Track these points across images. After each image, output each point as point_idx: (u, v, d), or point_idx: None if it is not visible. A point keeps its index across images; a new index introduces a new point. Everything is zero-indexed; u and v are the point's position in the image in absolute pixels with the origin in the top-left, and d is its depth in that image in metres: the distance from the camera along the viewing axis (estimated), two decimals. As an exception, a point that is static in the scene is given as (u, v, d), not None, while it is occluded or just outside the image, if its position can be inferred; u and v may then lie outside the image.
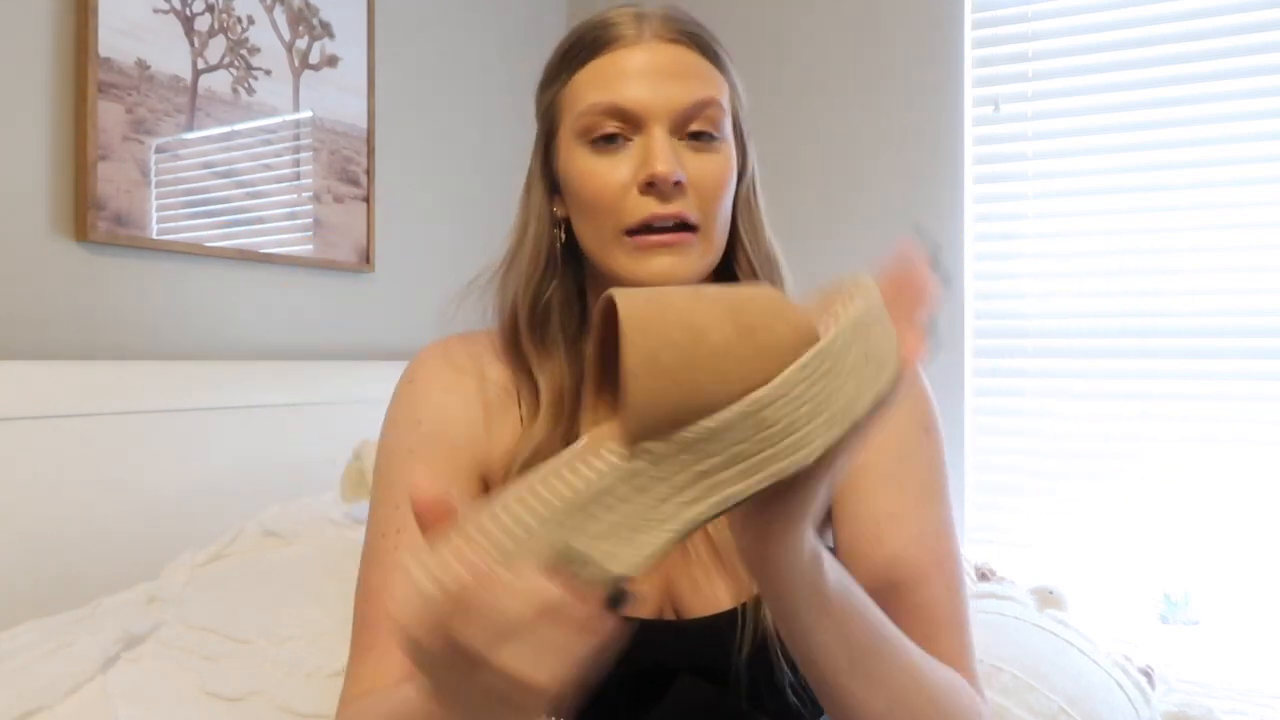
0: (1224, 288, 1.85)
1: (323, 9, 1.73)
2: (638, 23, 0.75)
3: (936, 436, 0.82)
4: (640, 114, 0.73)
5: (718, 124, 0.75)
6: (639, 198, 0.72)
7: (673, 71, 0.73)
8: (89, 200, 1.34)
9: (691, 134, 0.74)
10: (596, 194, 0.74)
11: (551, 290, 0.79)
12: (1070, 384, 1.97)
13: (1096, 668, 1.28)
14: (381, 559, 0.78)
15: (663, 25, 0.75)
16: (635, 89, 0.72)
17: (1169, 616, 1.85)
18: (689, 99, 0.73)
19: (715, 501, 0.49)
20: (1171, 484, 1.87)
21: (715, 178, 0.74)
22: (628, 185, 0.73)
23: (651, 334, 0.48)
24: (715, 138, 0.75)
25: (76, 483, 1.26)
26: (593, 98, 0.73)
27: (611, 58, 0.74)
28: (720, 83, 0.77)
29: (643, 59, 0.73)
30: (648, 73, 0.73)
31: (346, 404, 1.61)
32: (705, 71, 0.75)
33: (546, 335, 0.79)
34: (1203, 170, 1.87)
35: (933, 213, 2.05)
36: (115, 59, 1.37)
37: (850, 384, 0.50)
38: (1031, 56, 2.01)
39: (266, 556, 1.21)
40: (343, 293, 1.79)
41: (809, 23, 2.19)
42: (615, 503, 0.48)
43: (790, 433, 0.49)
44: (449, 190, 2.05)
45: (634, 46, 0.74)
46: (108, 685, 0.94)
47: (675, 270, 0.73)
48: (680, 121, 0.73)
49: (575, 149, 0.75)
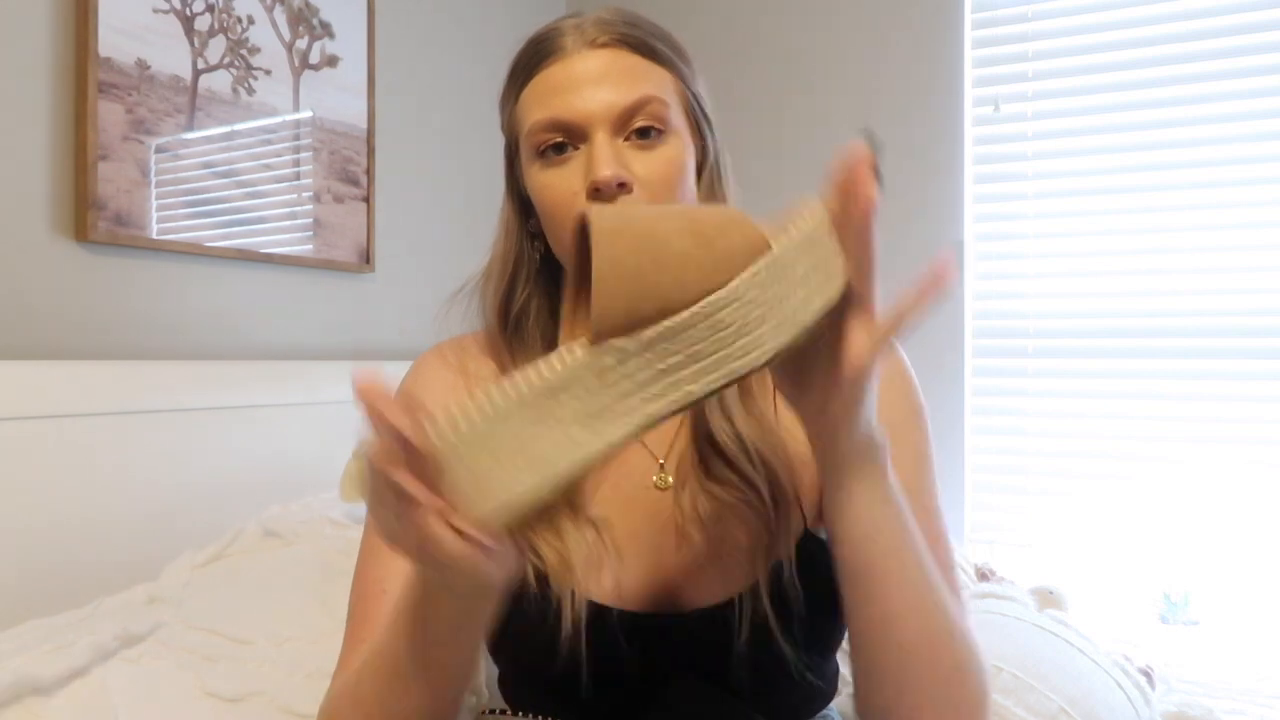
0: (1224, 288, 1.85)
1: (323, 9, 1.73)
2: (574, 31, 0.76)
3: (925, 417, 0.85)
4: (580, 123, 0.74)
5: (662, 118, 0.75)
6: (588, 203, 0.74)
7: (606, 76, 0.74)
8: (89, 200, 1.34)
9: (637, 131, 0.75)
10: (554, 205, 0.75)
11: (524, 299, 0.83)
12: (1070, 384, 1.97)
13: (1096, 668, 1.28)
14: (377, 554, 0.79)
15: (595, 30, 0.75)
16: (572, 100, 0.74)
17: (1169, 616, 1.85)
18: (625, 100, 0.74)
19: (675, 399, 0.54)
20: (1171, 484, 1.87)
21: (663, 173, 0.75)
22: (578, 192, 0.74)
23: (618, 242, 0.53)
24: (661, 132, 0.75)
25: (76, 483, 1.26)
26: (535, 115, 0.75)
27: (548, 73, 0.75)
28: (660, 78, 0.77)
29: (577, 69, 0.75)
30: (582, 82, 0.74)
31: (346, 404, 1.60)
32: (641, 70, 0.76)
33: (524, 337, 0.83)
34: (1202, 170, 1.87)
35: (933, 213, 2.05)
36: (115, 59, 1.37)
37: (799, 292, 0.55)
38: (1031, 56, 2.01)
39: (267, 557, 1.21)
40: (343, 293, 1.79)
41: (809, 23, 2.19)
42: (582, 392, 0.53)
43: (743, 334, 0.54)
44: (449, 190, 2.05)
45: (570, 57, 0.75)
46: (107, 685, 0.94)
47: None
48: (621, 123, 0.74)
49: (531, 166, 0.77)
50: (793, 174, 2.15)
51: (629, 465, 0.82)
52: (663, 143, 0.75)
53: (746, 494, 0.76)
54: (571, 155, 0.75)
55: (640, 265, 0.53)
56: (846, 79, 2.15)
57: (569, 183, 0.74)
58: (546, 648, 0.73)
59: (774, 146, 2.13)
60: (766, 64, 2.22)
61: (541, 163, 0.76)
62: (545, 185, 0.76)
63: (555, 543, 0.75)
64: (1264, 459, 1.81)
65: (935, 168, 2.06)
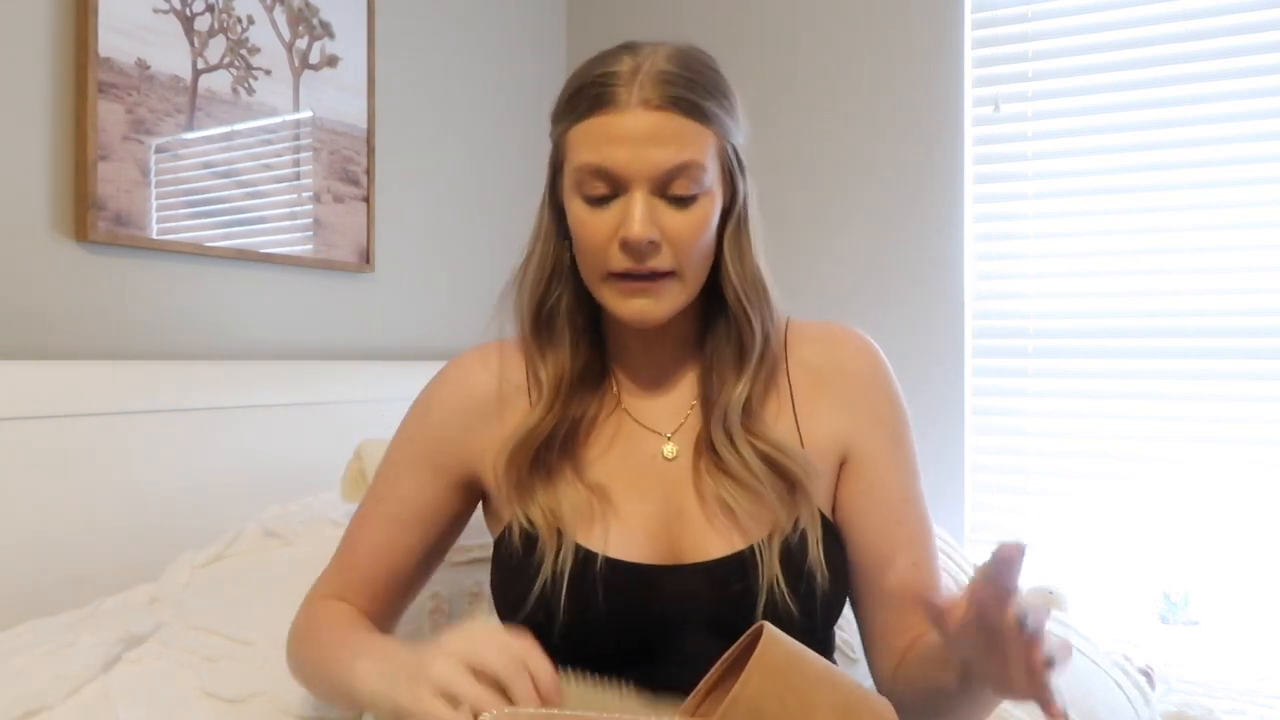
0: (1224, 288, 1.85)
1: (323, 9, 1.73)
2: (628, 83, 0.79)
3: (909, 420, 0.92)
4: (623, 177, 0.80)
5: (699, 180, 0.81)
6: (618, 251, 0.81)
7: (654, 138, 0.79)
8: (89, 200, 1.34)
9: (671, 195, 0.81)
10: (588, 241, 0.82)
11: (555, 298, 0.88)
12: (1070, 384, 1.97)
13: (1096, 668, 1.28)
14: (363, 517, 0.95)
15: (652, 90, 0.79)
16: (619, 154, 0.79)
17: (1169, 616, 1.85)
18: (668, 164, 0.79)
19: None
20: (1171, 483, 1.87)
21: (690, 233, 0.81)
22: (611, 237, 0.81)
23: (771, 681, 0.54)
24: (695, 196, 0.81)
25: (76, 483, 1.26)
26: (585, 157, 0.81)
27: (603, 120, 0.80)
28: (704, 140, 0.81)
29: (629, 125, 0.79)
30: (630, 139, 0.79)
31: (346, 404, 1.61)
32: (688, 133, 0.80)
33: (553, 332, 0.89)
34: (1202, 170, 1.87)
35: (933, 213, 2.05)
36: (115, 59, 1.37)
37: None
38: (1031, 56, 2.01)
39: (267, 557, 1.21)
40: (343, 293, 1.79)
41: (809, 23, 2.19)
42: None
43: None
44: (449, 190, 2.05)
45: (624, 112, 0.79)
46: (108, 686, 0.94)
47: (652, 310, 0.82)
48: (660, 184, 0.80)
49: (572, 194, 0.83)
50: (792, 174, 2.15)
51: (636, 439, 0.89)
52: (694, 205, 0.81)
53: (759, 465, 0.83)
54: (610, 200, 0.81)
55: (777, 714, 0.54)
56: (846, 79, 2.15)
57: (604, 227, 0.81)
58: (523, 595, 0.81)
59: (773, 146, 2.13)
60: (766, 64, 2.22)
61: (582, 199, 0.82)
62: (582, 222, 0.82)
63: (549, 500, 0.83)
64: (1264, 459, 1.81)
65: (935, 168, 2.06)
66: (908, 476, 0.89)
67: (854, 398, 0.89)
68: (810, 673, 0.57)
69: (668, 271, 0.82)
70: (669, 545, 0.83)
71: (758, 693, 0.53)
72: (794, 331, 0.93)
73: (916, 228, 2.06)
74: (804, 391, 0.89)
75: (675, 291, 0.83)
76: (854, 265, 2.11)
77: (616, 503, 0.85)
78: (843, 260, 2.12)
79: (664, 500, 0.85)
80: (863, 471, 0.88)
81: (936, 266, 2.05)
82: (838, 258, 2.12)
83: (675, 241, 0.81)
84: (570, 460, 0.87)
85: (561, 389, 0.87)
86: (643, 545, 0.83)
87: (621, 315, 0.83)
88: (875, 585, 0.87)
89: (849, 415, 0.89)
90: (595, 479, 0.86)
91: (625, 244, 0.80)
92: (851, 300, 2.07)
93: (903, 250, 2.07)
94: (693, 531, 0.83)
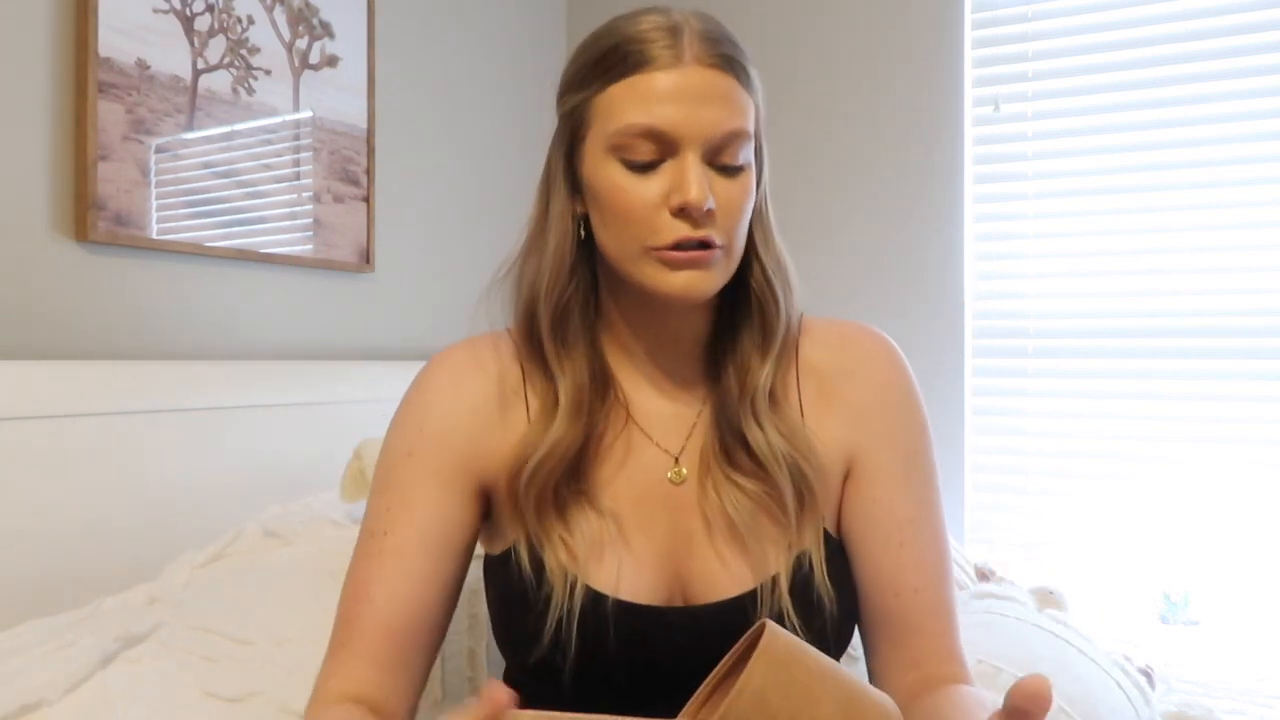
0: (1224, 288, 1.85)
1: (323, 9, 1.73)
2: (674, 40, 0.74)
3: (930, 435, 0.87)
4: (676, 138, 0.73)
5: (745, 150, 0.76)
6: (670, 219, 0.74)
7: (709, 97, 0.74)
8: (89, 200, 1.34)
9: (720, 164, 0.75)
10: (629, 210, 0.75)
11: (571, 290, 0.80)
12: (1070, 384, 1.97)
13: (1096, 668, 1.28)
14: (366, 558, 0.81)
15: (701, 48, 0.75)
16: (673, 113, 0.73)
17: (1169, 616, 1.85)
18: (723, 129, 0.74)
19: None
20: (1171, 484, 1.87)
21: (740, 204, 0.76)
22: (659, 205, 0.74)
23: (775, 673, 0.54)
24: (741, 167, 0.77)
25: (76, 483, 1.26)
26: (630, 117, 0.74)
27: (649, 77, 0.74)
28: (749, 108, 0.77)
29: (681, 82, 0.73)
30: (684, 97, 0.73)
31: (346, 404, 1.61)
32: (738, 98, 0.76)
33: (567, 334, 0.81)
34: (1202, 170, 1.87)
35: (933, 213, 2.05)
36: (115, 59, 1.37)
37: None
38: (1031, 56, 2.01)
39: (267, 557, 1.21)
40: (343, 293, 1.79)
41: (809, 23, 2.19)
42: None
43: None
44: (449, 190, 2.05)
45: (672, 69, 0.73)
46: (108, 685, 0.94)
47: (699, 284, 0.75)
48: (713, 149, 0.75)
49: (606, 161, 0.76)
50: (793, 174, 2.15)
51: (643, 461, 0.83)
52: (741, 175, 0.77)
53: (770, 488, 0.78)
54: (656, 165, 0.74)
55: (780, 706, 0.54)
56: (846, 79, 2.15)
57: (650, 191, 0.74)
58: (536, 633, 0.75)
59: (773, 146, 2.12)
60: (766, 64, 2.20)
61: (622, 165, 0.75)
62: (622, 187, 0.75)
63: (563, 533, 0.77)
64: (1264, 459, 1.81)
65: (935, 168, 2.06)
66: (918, 496, 0.83)
67: (863, 407, 0.84)
68: (814, 667, 0.57)
69: (718, 244, 0.75)
70: (678, 580, 0.80)
71: (762, 684, 0.54)
72: (806, 329, 0.87)
73: (916, 228, 2.06)
74: (811, 395, 0.84)
75: (721, 268, 0.77)
76: (854, 265, 2.11)
77: (627, 534, 0.79)
78: (842, 260, 2.12)
79: (671, 529, 0.81)
80: (863, 487, 0.82)
81: (936, 266, 2.05)
82: (837, 257, 2.12)
83: (726, 211, 0.75)
84: (582, 483, 0.80)
85: (584, 401, 0.80)
86: (653, 584, 0.78)
87: (665, 291, 0.75)
88: (878, 611, 0.81)
89: (855, 426, 0.83)
90: (607, 505, 0.80)
91: (684, 209, 0.73)
92: (851, 300, 2.07)
93: (903, 250, 2.07)
94: (701, 564, 0.79)
